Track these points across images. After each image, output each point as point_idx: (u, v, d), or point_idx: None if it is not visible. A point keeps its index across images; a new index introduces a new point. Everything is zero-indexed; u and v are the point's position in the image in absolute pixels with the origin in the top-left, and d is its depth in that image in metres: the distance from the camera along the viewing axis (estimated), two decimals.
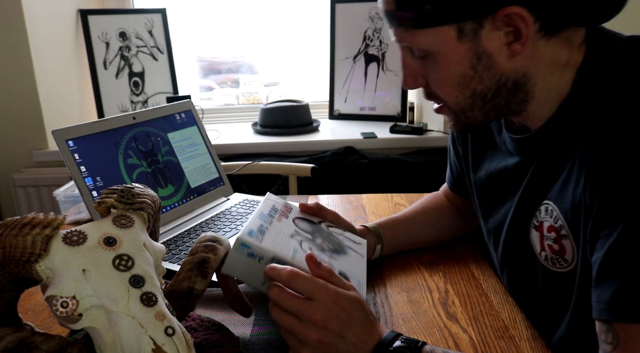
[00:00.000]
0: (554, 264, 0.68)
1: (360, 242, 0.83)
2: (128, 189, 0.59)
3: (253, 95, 2.40)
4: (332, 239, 0.77)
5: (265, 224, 0.70)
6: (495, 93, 0.64)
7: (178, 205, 1.08)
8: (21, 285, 0.52)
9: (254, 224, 0.69)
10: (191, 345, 0.51)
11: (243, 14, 2.28)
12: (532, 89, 0.64)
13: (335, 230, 0.81)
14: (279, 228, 0.71)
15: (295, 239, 0.71)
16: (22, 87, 1.86)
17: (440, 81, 0.65)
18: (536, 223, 0.70)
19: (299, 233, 0.73)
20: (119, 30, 2.08)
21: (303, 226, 0.77)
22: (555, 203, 0.66)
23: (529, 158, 0.72)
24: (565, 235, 0.64)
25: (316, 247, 0.72)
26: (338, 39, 2.16)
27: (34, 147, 1.93)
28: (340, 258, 0.73)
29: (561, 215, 0.65)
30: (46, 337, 0.50)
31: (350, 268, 0.72)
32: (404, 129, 1.96)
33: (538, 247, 0.70)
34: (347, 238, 0.81)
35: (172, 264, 0.88)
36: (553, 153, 0.67)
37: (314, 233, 0.76)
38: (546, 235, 0.68)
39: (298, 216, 0.79)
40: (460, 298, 0.79)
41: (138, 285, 0.50)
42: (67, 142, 0.93)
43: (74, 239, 0.51)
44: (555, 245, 0.66)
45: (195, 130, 1.18)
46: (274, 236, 0.68)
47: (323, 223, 0.82)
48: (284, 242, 0.68)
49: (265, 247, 0.64)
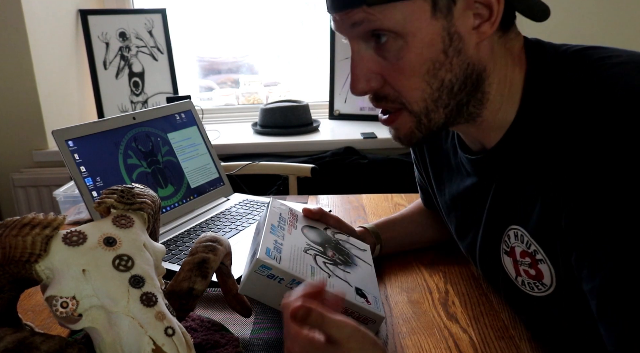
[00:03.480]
0: (532, 289, 0.64)
1: (365, 249, 0.83)
2: (128, 189, 0.59)
3: (253, 95, 2.40)
4: (340, 249, 0.77)
5: (279, 239, 0.70)
6: (461, 85, 0.59)
7: (178, 205, 1.08)
8: (21, 285, 0.52)
9: (268, 241, 0.68)
10: (191, 345, 0.51)
11: (243, 14, 2.27)
12: (489, 89, 0.61)
13: (341, 237, 0.81)
14: (292, 242, 0.71)
15: (309, 254, 0.71)
16: (22, 87, 1.86)
17: (406, 70, 0.58)
18: (506, 249, 0.66)
19: (311, 247, 0.73)
20: (118, 30, 2.08)
21: (312, 237, 0.77)
22: (523, 228, 0.62)
23: (487, 179, 0.68)
24: (541, 259, 0.61)
25: (330, 262, 0.72)
26: (338, 39, 2.16)
27: (33, 147, 1.93)
28: (353, 272, 0.73)
29: (532, 240, 0.61)
30: (46, 337, 0.50)
31: (364, 283, 0.72)
32: None
33: (513, 272, 0.66)
34: (353, 246, 0.81)
35: (172, 264, 0.88)
36: (511, 173, 0.64)
37: (324, 245, 0.76)
38: (520, 260, 0.64)
39: (305, 225, 0.79)
40: (460, 299, 0.79)
41: (138, 285, 0.50)
42: (67, 142, 0.93)
43: (73, 239, 0.51)
44: (531, 270, 0.63)
45: (195, 131, 1.18)
46: (289, 253, 0.68)
47: (328, 230, 0.82)
48: (300, 259, 0.68)
49: (285, 268, 0.64)
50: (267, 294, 0.65)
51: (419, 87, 0.59)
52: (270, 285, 0.64)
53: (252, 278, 0.64)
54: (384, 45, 0.58)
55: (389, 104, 0.61)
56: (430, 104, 0.60)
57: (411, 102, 0.60)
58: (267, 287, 0.64)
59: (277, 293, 0.63)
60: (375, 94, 0.62)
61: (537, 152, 0.59)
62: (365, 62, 0.60)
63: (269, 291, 0.65)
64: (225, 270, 0.66)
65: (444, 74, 0.58)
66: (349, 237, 0.83)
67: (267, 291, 0.65)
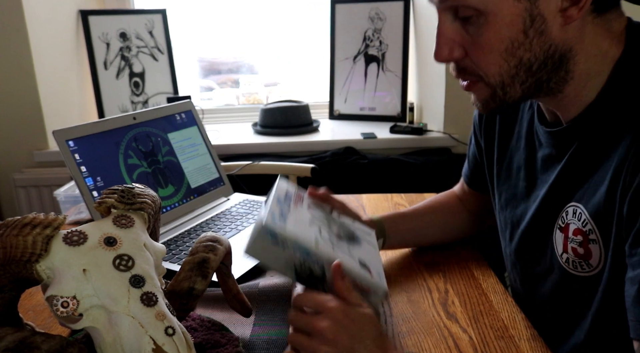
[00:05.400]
0: (575, 267, 0.66)
1: (370, 232, 0.82)
2: (128, 189, 0.59)
3: (253, 95, 2.40)
4: (345, 228, 0.77)
5: (285, 210, 0.69)
6: (541, 65, 0.61)
7: (178, 205, 1.08)
8: (22, 285, 0.52)
9: (275, 210, 0.67)
10: (191, 345, 0.51)
11: (243, 14, 2.28)
12: (574, 68, 0.62)
13: (346, 220, 0.80)
14: (297, 215, 0.70)
15: (314, 227, 0.70)
16: (23, 88, 1.86)
17: (485, 46, 0.61)
18: (561, 225, 0.68)
19: (315, 222, 0.72)
20: (119, 30, 2.08)
21: (317, 214, 0.76)
22: (584, 206, 0.63)
23: (559, 153, 0.69)
24: (594, 239, 0.62)
25: (334, 235, 0.71)
26: (338, 39, 2.16)
27: (34, 148, 1.93)
28: (357, 248, 0.72)
29: (590, 219, 0.62)
30: (46, 337, 0.50)
31: (368, 259, 0.71)
32: (404, 129, 1.96)
33: (560, 248, 0.68)
34: (357, 228, 0.80)
35: (172, 264, 0.88)
36: (585, 150, 0.65)
37: (329, 221, 0.75)
38: (571, 237, 0.65)
39: (311, 204, 0.78)
40: (460, 298, 0.80)
41: (138, 285, 0.50)
42: (67, 142, 0.93)
43: (74, 239, 0.51)
44: (580, 249, 0.64)
45: (195, 131, 1.18)
46: (294, 222, 0.67)
47: (333, 212, 0.81)
48: (305, 229, 0.68)
49: (290, 234, 0.64)
50: (270, 259, 0.65)
51: (496, 63, 0.61)
52: (274, 251, 0.64)
53: (257, 243, 0.64)
54: (468, 20, 0.61)
55: (467, 76, 0.65)
56: (507, 79, 0.62)
57: (488, 76, 0.63)
58: (271, 252, 0.64)
59: (280, 258, 0.64)
60: (456, 64, 0.65)
61: (615, 131, 0.60)
62: (449, 32, 0.63)
63: (273, 256, 0.65)
64: (226, 270, 0.66)
65: (523, 53, 0.60)
66: (354, 221, 0.82)
67: (271, 255, 0.65)
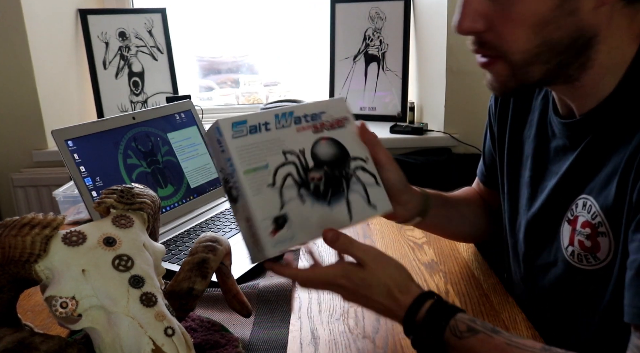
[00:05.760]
0: (580, 261, 0.64)
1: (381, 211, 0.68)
2: (128, 189, 0.59)
3: (253, 95, 2.40)
4: (333, 180, 0.64)
5: (270, 125, 0.60)
6: (567, 47, 0.59)
7: (178, 205, 1.08)
8: (20, 285, 0.52)
9: (255, 117, 0.60)
10: (191, 345, 0.50)
11: (243, 14, 2.27)
12: (595, 55, 0.60)
13: (362, 174, 0.65)
14: (281, 135, 0.60)
15: (280, 156, 0.60)
16: (22, 87, 1.86)
17: (516, 19, 0.58)
18: (570, 217, 0.66)
19: (293, 154, 0.61)
20: (118, 30, 2.07)
21: (323, 152, 0.63)
22: (594, 199, 0.62)
23: (573, 145, 0.68)
24: (603, 232, 0.61)
25: (300, 177, 0.61)
26: (338, 39, 2.16)
27: (33, 147, 1.93)
28: (317, 206, 0.62)
29: (600, 212, 0.61)
30: (45, 338, 0.50)
31: (305, 223, 0.61)
32: (404, 129, 1.96)
33: (566, 241, 0.66)
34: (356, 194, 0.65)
35: (172, 264, 0.88)
36: (599, 143, 0.64)
37: (340, 165, 0.63)
38: (579, 230, 0.64)
39: (332, 138, 0.64)
40: (460, 299, 0.79)
41: (138, 285, 0.50)
42: (66, 142, 0.93)
43: (73, 239, 0.51)
44: (587, 242, 0.63)
45: (195, 130, 1.18)
46: (260, 140, 0.59)
47: (356, 160, 0.65)
48: (260, 151, 0.59)
49: (231, 146, 0.58)
50: (215, 152, 0.61)
51: (522, 37, 0.58)
52: (217, 148, 0.60)
53: (208, 133, 0.61)
54: None
55: (488, 51, 0.62)
56: (530, 57, 0.60)
57: (512, 52, 0.60)
58: (215, 148, 0.60)
59: (220, 159, 0.60)
60: (478, 37, 0.62)
61: (629, 126, 0.59)
62: (476, 2, 0.60)
63: (216, 151, 0.61)
64: (225, 270, 0.66)
65: (551, 31, 0.58)
66: (378, 183, 0.67)
67: (215, 149, 0.61)
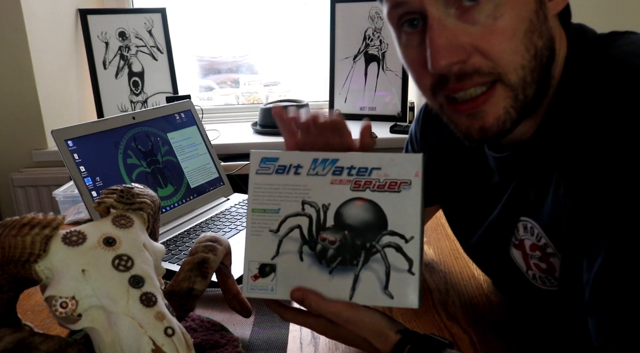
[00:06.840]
0: (543, 283, 0.62)
1: None
2: (128, 189, 0.59)
3: (253, 95, 2.40)
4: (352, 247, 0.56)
5: (301, 169, 0.57)
6: (547, 60, 0.54)
7: (178, 205, 1.08)
8: (20, 285, 0.52)
9: (287, 157, 0.58)
10: (191, 345, 0.50)
11: (243, 14, 2.27)
12: (554, 72, 0.56)
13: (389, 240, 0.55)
14: (307, 185, 0.57)
15: (299, 206, 0.57)
16: (22, 87, 1.86)
17: (506, 30, 0.51)
18: (515, 242, 0.64)
19: (317, 209, 0.57)
20: (118, 29, 2.07)
21: (352, 213, 0.56)
22: (534, 220, 0.60)
23: (509, 176, 0.65)
24: (551, 253, 0.59)
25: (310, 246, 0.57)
26: (338, 38, 2.16)
27: (33, 147, 1.93)
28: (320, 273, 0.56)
29: (543, 233, 0.59)
30: (45, 338, 0.50)
31: None
32: (404, 129, 1.96)
33: (524, 266, 0.64)
34: None
35: (172, 264, 0.88)
36: (534, 169, 0.60)
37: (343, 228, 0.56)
38: (530, 254, 0.62)
39: (374, 201, 0.56)
40: (460, 299, 0.79)
41: (138, 285, 0.50)
42: (66, 142, 0.93)
43: (73, 239, 0.51)
44: (542, 264, 0.61)
45: (195, 130, 1.18)
46: (281, 186, 0.58)
47: (393, 235, 0.55)
48: (278, 197, 0.58)
49: (250, 182, 0.58)
50: None
51: (518, 50, 0.52)
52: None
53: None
54: (474, 7, 0.51)
55: (480, 78, 0.52)
56: (528, 75, 0.53)
57: (509, 71, 0.52)
58: None
59: None
60: (461, 69, 0.52)
61: (559, 144, 0.54)
62: (449, 30, 0.51)
63: None
64: (225, 270, 0.66)
65: (537, 39, 0.53)
66: None
67: None
